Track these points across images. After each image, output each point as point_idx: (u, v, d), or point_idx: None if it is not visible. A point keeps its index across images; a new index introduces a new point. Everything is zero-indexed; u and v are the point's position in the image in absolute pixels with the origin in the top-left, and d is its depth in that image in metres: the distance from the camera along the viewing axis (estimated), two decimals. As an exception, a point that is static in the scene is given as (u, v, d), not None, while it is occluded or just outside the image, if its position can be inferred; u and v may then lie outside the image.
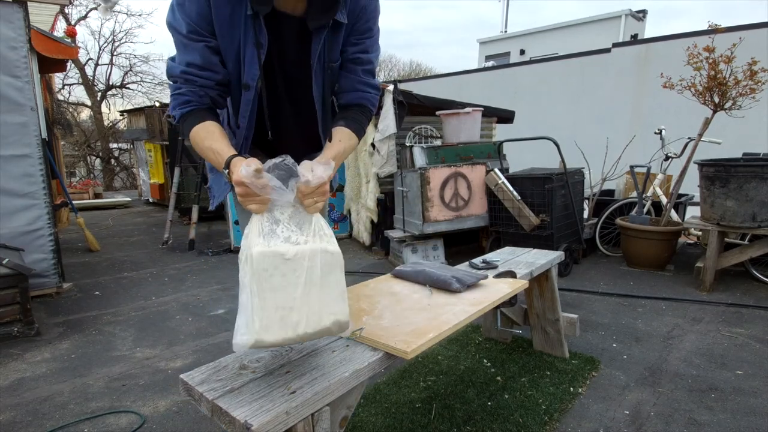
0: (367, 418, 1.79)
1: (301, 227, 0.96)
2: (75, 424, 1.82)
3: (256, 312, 0.85)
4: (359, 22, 1.20)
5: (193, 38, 1.09)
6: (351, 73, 1.26)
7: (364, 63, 1.26)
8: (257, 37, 1.11)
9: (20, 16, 2.98)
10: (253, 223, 0.93)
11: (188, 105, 1.13)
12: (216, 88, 1.15)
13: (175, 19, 1.09)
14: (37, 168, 3.12)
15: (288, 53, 1.21)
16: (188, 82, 1.12)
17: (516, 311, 2.35)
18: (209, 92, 1.15)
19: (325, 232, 0.98)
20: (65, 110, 14.05)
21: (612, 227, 4.26)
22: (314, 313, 0.91)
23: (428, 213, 3.70)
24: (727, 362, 2.20)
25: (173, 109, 1.15)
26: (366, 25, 1.21)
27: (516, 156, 5.58)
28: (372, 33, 1.24)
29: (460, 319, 1.22)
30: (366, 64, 1.26)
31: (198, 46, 1.10)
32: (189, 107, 1.13)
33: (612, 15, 12.49)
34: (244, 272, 0.89)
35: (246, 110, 1.23)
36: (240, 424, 0.82)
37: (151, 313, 3.06)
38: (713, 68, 3.24)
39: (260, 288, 0.86)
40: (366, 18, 1.20)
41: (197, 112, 1.13)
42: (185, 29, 1.08)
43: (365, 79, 1.28)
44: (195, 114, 1.13)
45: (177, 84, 1.13)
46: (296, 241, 0.93)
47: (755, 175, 2.95)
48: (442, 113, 4.39)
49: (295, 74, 1.24)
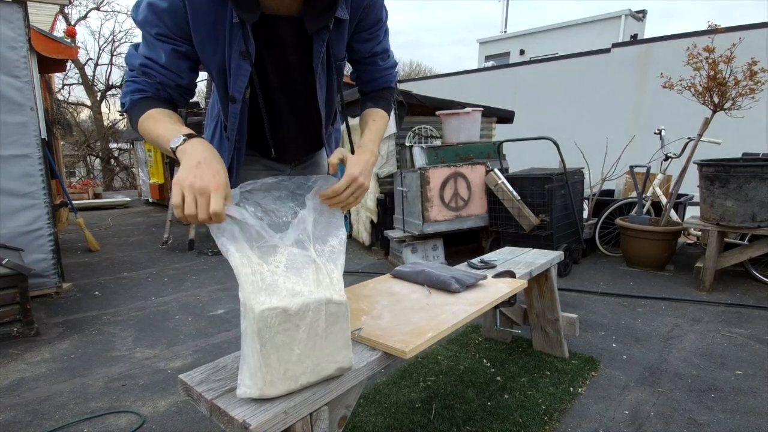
0: (367, 418, 1.79)
1: (300, 273, 0.93)
2: (75, 424, 1.82)
3: (260, 369, 0.84)
4: (368, 17, 1.13)
5: (161, 39, 1.01)
6: (372, 66, 1.25)
7: (381, 54, 1.24)
8: (246, 47, 1.01)
9: (20, 16, 2.98)
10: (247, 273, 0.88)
11: (140, 93, 1.04)
12: (176, 89, 1.07)
13: (143, 18, 1.00)
14: (36, 168, 3.12)
15: (285, 58, 1.11)
16: (145, 75, 1.03)
17: (515, 311, 2.34)
18: (168, 89, 1.06)
19: (331, 277, 0.94)
20: (65, 110, 14.05)
21: (612, 227, 4.26)
22: (317, 364, 0.91)
23: (428, 213, 3.70)
24: (726, 362, 2.20)
25: (124, 95, 1.06)
26: (376, 17, 1.15)
27: (516, 156, 5.59)
28: (382, 23, 1.18)
29: (459, 319, 1.22)
30: (383, 53, 1.25)
31: (165, 47, 1.01)
32: (140, 95, 1.04)
33: (612, 15, 12.50)
34: (246, 325, 0.87)
35: (234, 123, 1.14)
36: (238, 424, 0.82)
37: (150, 313, 3.06)
38: (713, 68, 3.24)
39: (263, 345, 0.84)
40: (375, 11, 1.13)
41: (149, 100, 1.04)
42: (153, 30, 1.00)
43: (384, 65, 1.27)
44: (146, 101, 1.03)
45: (133, 73, 1.05)
46: (299, 291, 0.89)
47: (755, 175, 2.96)
48: (441, 113, 4.39)
49: (295, 79, 1.15)
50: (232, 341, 2.56)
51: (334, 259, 0.99)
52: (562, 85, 9.24)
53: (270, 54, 1.08)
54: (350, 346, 0.96)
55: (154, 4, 0.97)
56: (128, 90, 1.05)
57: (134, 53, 1.05)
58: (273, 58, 1.09)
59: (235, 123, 1.14)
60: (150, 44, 1.02)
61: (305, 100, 1.18)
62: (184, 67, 1.05)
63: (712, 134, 3.70)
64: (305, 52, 1.09)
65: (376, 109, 1.25)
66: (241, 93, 1.08)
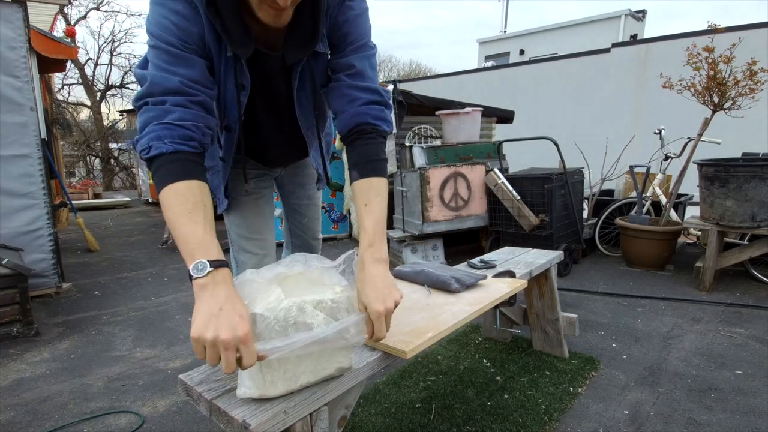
0: (367, 418, 1.79)
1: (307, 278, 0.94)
2: (74, 425, 1.81)
3: (260, 369, 0.84)
4: (332, 32, 1.08)
5: (190, 50, 0.92)
6: (336, 82, 1.10)
7: (346, 69, 1.09)
8: (238, 79, 1.02)
9: (20, 16, 2.97)
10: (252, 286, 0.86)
11: (187, 143, 0.88)
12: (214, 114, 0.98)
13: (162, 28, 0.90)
14: (36, 168, 3.12)
15: (273, 87, 1.14)
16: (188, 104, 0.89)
17: (515, 311, 2.34)
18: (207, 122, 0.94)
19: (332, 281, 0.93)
20: (65, 110, 14.03)
21: (611, 227, 4.26)
22: (317, 365, 0.91)
23: (428, 213, 3.70)
24: (726, 362, 2.20)
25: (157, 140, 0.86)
26: (339, 32, 1.07)
27: (515, 156, 5.59)
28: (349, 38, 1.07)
29: (459, 319, 1.22)
30: (348, 68, 1.08)
31: (197, 60, 0.93)
32: (187, 147, 0.88)
33: (611, 15, 12.51)
34: None
35: (229, 150, 1.18)
36: (238, 424, 0.82)
37: (150, 313, 3.06)
38: (713, 68, 3.24)
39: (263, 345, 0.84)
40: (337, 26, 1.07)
41: (193, 160, 0.88)
42: (178, 41, 0.90)
43: (355, 84, 1.08)
44: (186, 163, 0.87)
45: (166, 106, 0.88)
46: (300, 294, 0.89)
47: (754, 174, 2.96)
48: (441, 113, 4.39)
49: (281, 104, 1.19)
50: (232, 341, 2.55)
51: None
52: (561, 85, 9.24)
53: (260, 84, 1.12)
54: (350, 346, 0.96)
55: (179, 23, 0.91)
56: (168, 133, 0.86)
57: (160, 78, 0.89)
58: (262, 88, 1.13)
59: (231, 150, 1.18)
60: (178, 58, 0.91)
61: (291, 121, 1.22)
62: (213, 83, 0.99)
63: (712, 134, 3.71)
64: (288, 82, 1.14)
65: (365, 182, 1.03)
66: (237, 123, 1.10)
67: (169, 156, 0.86)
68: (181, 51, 0.91)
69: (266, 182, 1.47)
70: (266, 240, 1.46)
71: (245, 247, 1.43)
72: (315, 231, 1.66)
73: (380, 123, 1.09)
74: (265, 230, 1.45)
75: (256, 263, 1.42)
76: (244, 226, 1.42)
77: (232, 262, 1.48)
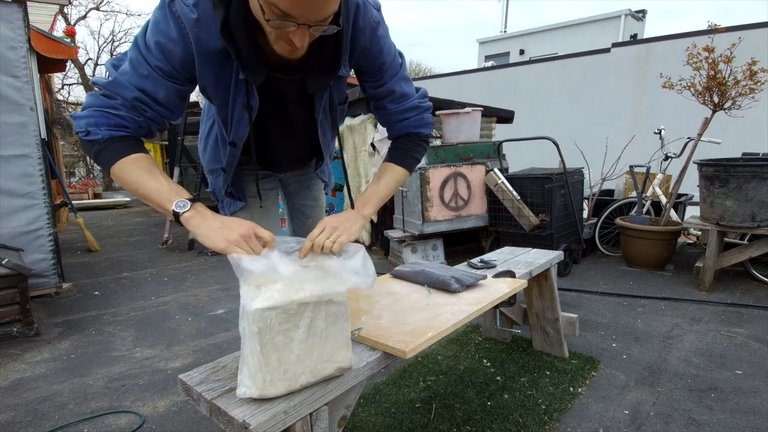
0: (367, 418, 1.79)
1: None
2: (74, 424, 1.82)
3: (259, 369, 0.84)
4: (366, 62, 1.12)
5: (164, 77, 0.96)
6: (381, 110, 1.22)
7: (389, 97, 1.19)
8: (248, 101, 1.03)
9: (20, 15, 2.98)
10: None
11: (122, 130, 0.96)
12: (161, 123, 1.02)
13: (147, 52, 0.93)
14: (36, 168, 3.12)
15: (287, 111, 1.15)
16: (135, 109, 0.96)
17: (515, 311, 2.34)
18: (152, 125, 1.01)
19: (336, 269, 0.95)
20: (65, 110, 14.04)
21: (611, 227, 4.26)
22: (317, 364, 0.91)
23: (428, 213, 3.70)
24: (726, 362, 2.20)
25: (95, 126, 0.94)
26: (375, 64, 1.13)
27: (515, 156, 5.59)
28: (385, 66, 1.14)
29: (459, 319, 1.22)
30: (390, 95, 1.19)
31: (168, 85, 0.97)
32: (123, 132, 0.96)
33: (611, 15, 12.50)
34: (245, 325, 0.86)
35: (232, 162, 1.21)
36: (238, 424, 0.82)
37: (150, 313, 3.06)
38: (713, 68, 3.24)
39: (263, 345, 0.84)
40: (373, 55, 1.11)
41: (130, 140, 0.97)
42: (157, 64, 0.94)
43: (399, 108, 1.21)
44: (127, 142, 0.97)
45: (114, 102, 0.95)
46: (299, 287, 0.88)
47: (754, 174, 2.95)
48: (441, 113, 4.38)
49: (295, 126, 1.19)
50: (232, 341, 2.56)
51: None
52: (561, 85, 9.24)
53: (273, 107, 1.11)
54: (350, 346, 0.96)
55: (163, 44, 0.93)
56: (105, 121, 0.95)
57: (123, 82, 0.95)
58: (275, 111, 1.12)
59: (233, 162, 1.21)
60: (147, 77, 0.95)
61: (303, 139, 1.25)
62: (180, 106, 1.03)
63: (712, 134, 3.71)
64: (306, 105, 1.14)
65: (391, 165, 1.23)
66: (242, 140, 1.13)
67: (107, 141, 0.95)
68: (155, 73, 0.95)
69: (272, 183, 1.47)
70: None
71: None
72: None
73: (421, 129, 1.25)
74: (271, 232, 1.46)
75: None
76: None
77: None
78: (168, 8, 0.91)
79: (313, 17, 0.83)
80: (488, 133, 5.26)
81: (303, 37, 0.86)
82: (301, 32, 0.85)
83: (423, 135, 1.26)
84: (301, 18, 0.82)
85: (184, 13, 0.90)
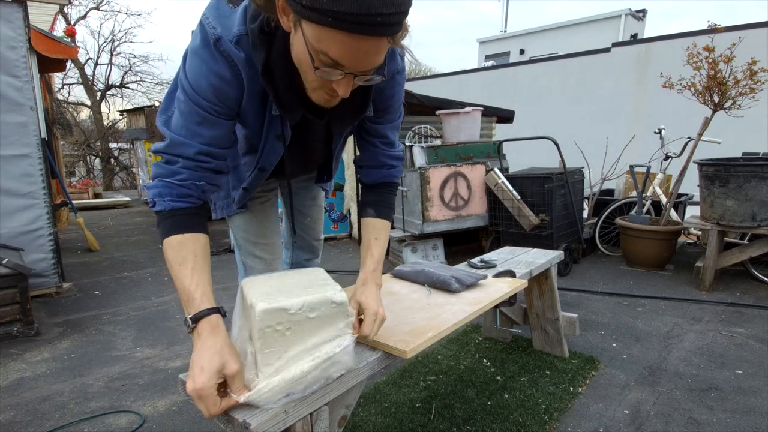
0: (367, 418, 1.79)
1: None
2: (75, 424, 1.82)
3: (260, 368, 0.84)
4: (375, 100, 1.13)
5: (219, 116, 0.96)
6: (371, 144, 1.24)
7: (382, 139, 1.22)
8: (282, 132, 1.06)
9: (20, 15, 2.98)
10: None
11: (184, 200, 0.96)
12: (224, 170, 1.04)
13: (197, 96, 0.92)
14: (36, 168, 3.12)
15: (308, 143, 1.20)
16: (198, 167, 0.96)
17: (515, 311, 2.34)
18: (215, 179, 1.02)
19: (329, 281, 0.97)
20: (65, 110, 14.05)
21: (612, 227, 4.26)
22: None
23: (428, 213, 3.70)
24: (726, 362, 2.20)
25: (159, 196, 0.95)
26: (382, 105, 1.14)
27: (516, 156, 5.58)
28: (389, 110, 1.17)
29: (459, 319, 1.22)
30: (383, 138, 1.22)
31: (223, 123, 0.97)
32: (184, 203, 0.96)
33: (612, 15, 12.51)
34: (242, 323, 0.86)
35: (256, 183, 1.25)
36: (238, 423, 0.82)
37: (150, 313, 3.06)
38: (713, 68, 3.24)
39: (264, 345, 0.84)
40: (383, 98, 1.13)
41: (189, 214, 0.97)
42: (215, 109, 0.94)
43: (389, 152, 1.24)
44: (182, 218, 0.96)
45: (176, 167, 0.94)
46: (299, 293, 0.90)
47: (755, 174, 2.95)
48: (441, 113, 4.38)
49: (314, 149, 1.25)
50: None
51: None
52: (562, 85, 9.24)
53: (297, 139, 1.15)
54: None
55: (216, 86, 0.92)
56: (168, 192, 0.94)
57: (181, 141, 0.94)
58: (299, 142, 1.16)
59: (259, 183, 1.26)
60: (201, 123, 0.94)
61: (317, 159, 1.32)
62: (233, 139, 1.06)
63: (712, 134, 3.70)
64: (326, 137, 1.21)
65: (379, 222, 1.22)
66: (272, 166, 1.19)
67: (168, 213, 0.96)
68: (209, 115, 0.94)
69: (272, 185, 1.47)
70: (274, 244, 1.47)
71: (253, 251, 1.43)
72: (317, 232, 1.67)
73: (397, 179, 1.31)
74: (272, 234, 1.46)
75: (264, 268, 1.44)
76: (251, 230, 1.42)
77: (239, 265, 1.49)
78: (215, 48, 0.89)
79: (362, 67, 0.81)
80: (488, 132, 5.26)
81: (347, 86, 0.85)
82: (346, 81, 0.84)
83: (397, 184, 1.33)
84: (349, 67, 0.81)
85: (233, 53, 0.90)
